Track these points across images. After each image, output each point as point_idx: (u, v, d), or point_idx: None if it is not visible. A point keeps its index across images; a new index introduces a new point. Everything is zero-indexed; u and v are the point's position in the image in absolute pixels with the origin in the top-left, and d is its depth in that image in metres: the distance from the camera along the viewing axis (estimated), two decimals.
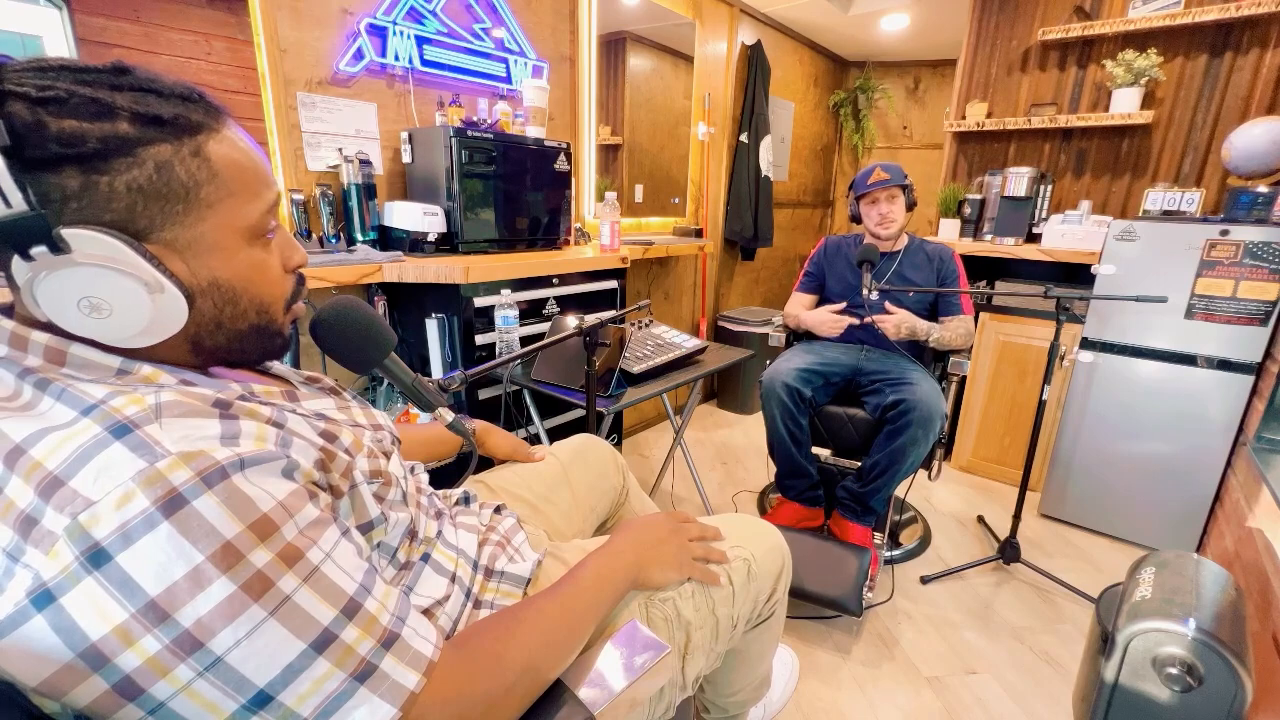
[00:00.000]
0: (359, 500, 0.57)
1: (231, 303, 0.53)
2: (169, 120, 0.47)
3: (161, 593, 0.40)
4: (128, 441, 0.42)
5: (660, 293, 2.99)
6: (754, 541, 0.91)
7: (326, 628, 0.46)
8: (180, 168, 0.47)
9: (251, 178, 0.52)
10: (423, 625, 0.54)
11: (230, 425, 0.47)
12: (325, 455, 0.53)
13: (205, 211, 0.49)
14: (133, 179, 0.45)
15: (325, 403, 0.63)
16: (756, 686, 1.09)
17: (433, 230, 1.67)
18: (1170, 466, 2.00)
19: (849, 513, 1.81)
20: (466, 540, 0.76)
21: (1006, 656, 1.57)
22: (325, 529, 0.49)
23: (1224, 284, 1.84)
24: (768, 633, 0.99)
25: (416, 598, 0.64)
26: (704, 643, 0.82)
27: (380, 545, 0.61)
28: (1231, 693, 0.97)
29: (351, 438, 0.58)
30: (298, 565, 0.45)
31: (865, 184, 1.90)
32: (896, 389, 1.75)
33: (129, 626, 0.40)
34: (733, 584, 0.85)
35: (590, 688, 0.60)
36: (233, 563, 0.42)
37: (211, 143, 0.49)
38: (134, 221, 0.46)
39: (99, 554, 0.39)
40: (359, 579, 0.50)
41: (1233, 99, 2.25)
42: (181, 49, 1.39)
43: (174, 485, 0.41)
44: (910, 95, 4.19)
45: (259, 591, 0.43)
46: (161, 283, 0.47)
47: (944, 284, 1.95)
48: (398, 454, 0.69)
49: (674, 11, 2.68)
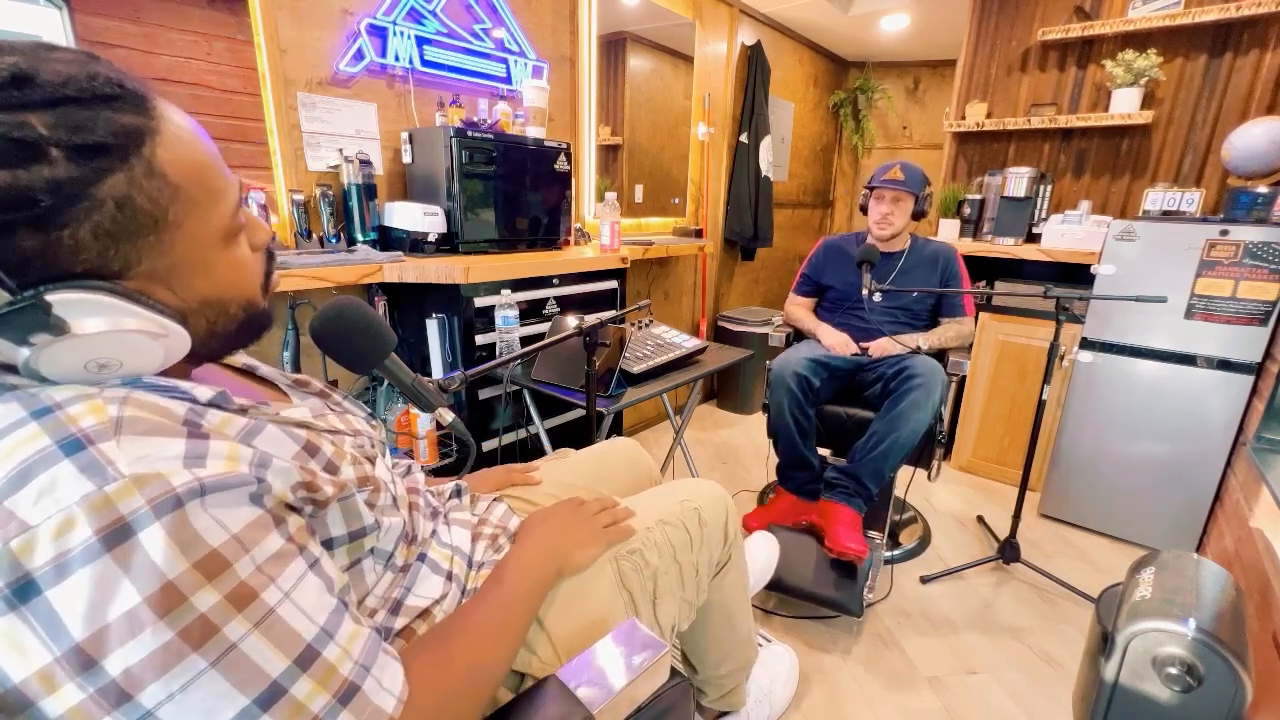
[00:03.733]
0: (352, 507, 0.55)
1: (223, 312, 0.51)
2: (109, 144, 0.40)
3: (88, 637, 0.36)
4: (78, 460, 0.38)
5: (660, 293, 2.99)
6: (697, 494, 0.98)
7: (275, 680, 0.41)
8: (140, 196, 0.42)
9: (211, 176, 0.48)
10: (388, 673, 0.49)
11: (197, 445, 0.43)
12: (305, 473, 0.50)
13: (177, 233, 0.45)
14: (96, 225, 0.40)
15: (312, 406, 0.62)
16: (741, 649, 1.10)
17: (433, 230, 1.67)
18: (1170, 466, 2.00)
19: (839, 493, 1.72)
20: (460, 536, 0.77)
21: (1006, 656, 1.57)
22: (288, 563, 0.45)
23: (1224, 284, 1.83)
24: (732, 578, 1.03)
25: (415, 598, 0.64)
26: (671, 587, 0.87)
27: (374, 551, 0.60)
28: (1231, 693, 0.97)
29: (333, 448, 0.57)
30: (249, 608, 0.41)
31: (880, 178, 1.91)
32: (897, 364, 1.78)
33: (52, 671, 0.36)
34: (689, 532, 0.91)
35: (589, 687, 0.60)
36: (172, 606, 0.38)
37: (159, 149, 0.43)
38: (109, 265, 0.42)
39: (28, 586, 0.36)
40: (321, 621, 0.45)
41: (1232, 99, 2.25)
42: (181, 49, 1.39)
43: (121, 514, 0.37)
44: (910, 95, 4.19)
45: (199, 639, 0.38)
46: (165, 326, 0.44)
47: (947, 285, 1.95)
48: (382, 459, 0.68)
49: (674, 12, 2.68)
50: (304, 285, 1.38)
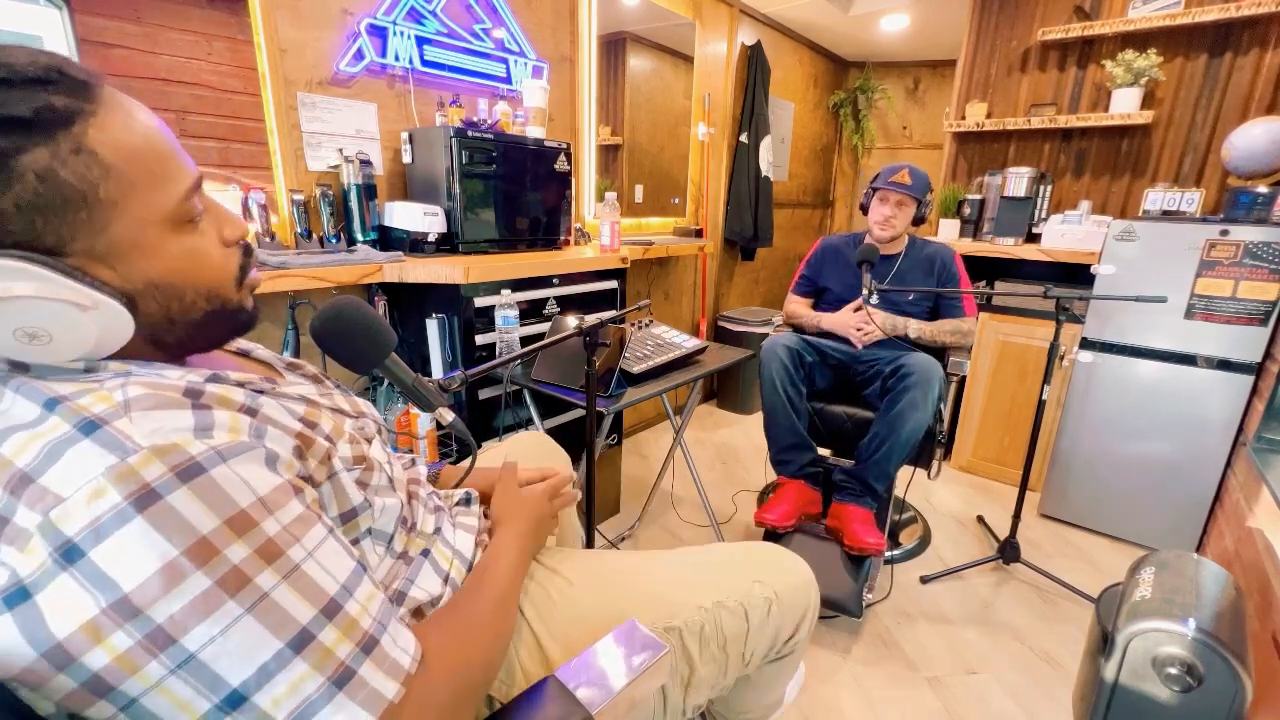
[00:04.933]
0: (339, 488, 0.56)
1: (177, 298, 0.50)
2: (30, 119, 0.41)
3: (135, 588, 0.39)
4: (97, 438, 0.41)
5: (660, 293, 2.99)
6: (780, 577, 0.86)
7: (305, 627, 0.44)
8: (65, 171, 0.42)
9: (154, 162, 0.47)
10: (402, 635, 0.52)
11: (203, 416, 0.46)
12: (302, 442, 0.52)
13: (111, 212, 0.45)
14: (18, 196, 0.41)
15: (307, 388, 0.63)
16: (767, 707, 1.06)
17: (433, 230, 1.67)
18: (1170, 466, 2.00)
19: (848, 495, 1.76)
20: (464, 541, 0.76)
21: (1006, 656, 1.57)
22: (310, 527, 0.48)
23: (1224, 284, 1.83)
24: (785, 667, 0.95)
25: (417, 590, 0.64)
26: (710, 677, 0.79)
27: (372, 531, 0.61)
28: (1231, 693, 0.97)
29: (332, 423, 0.58)
30: (277, 562, 0.44)
31: (886, 179, 1.90)
32: (894, 362, 1.78)
33: (99, 623, 0.39)
34: (749, 621, 0.80)
35: (589, 687, 0.60)
36: (208, 558, 0.41)
37: (92, 131, 0.44)
38: (41, 239, 0.43)
39: (72, 550, 0.39)
40: (342, 579, 0.48)
41: (1233, 99, 2.25)
42: (182, 49, 1.39)
43: (146, 480, 0.40)
44: (910, 95, 4.19)
45: (235, 587, 0.41)
46: (95, 299, 0.44)
47: (944, 286, 1.95)
48: (379, 441, 0.69)
49: (674, 12, 2.68)
50: (304, 285, 1.38)
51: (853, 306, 1.96)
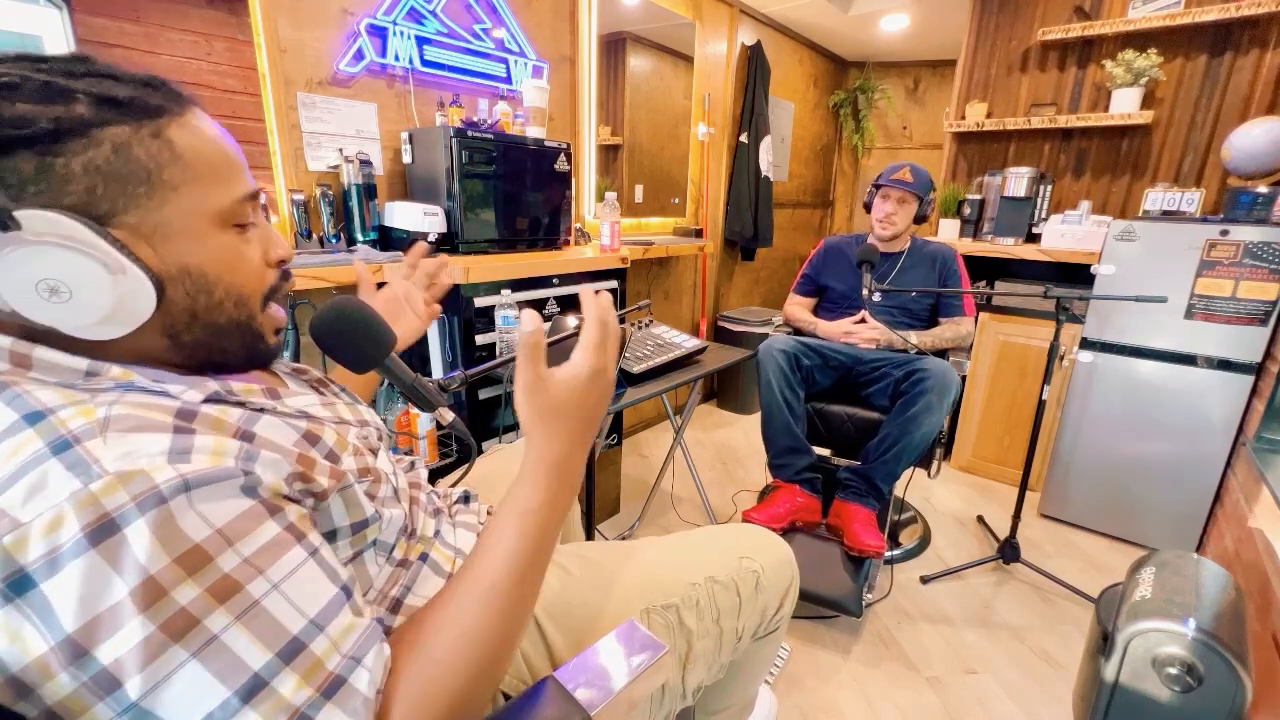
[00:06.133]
0: (352, 499, 0.55)
1: (205, 291, 0.51)
2: (125, 102, 0.46)
3: (79, 628, 0.38)
4: (65, 458, 0.40)
5: (660, 293, 2.99)
6: (764, 553, 0.90)
7: (256, 673, 0.41)
8: (139, 148, 0.46)
9: (220, 164, 0.51)
10: (380, 669, 0.47)
11: (183, 440, 0.44)
12: (303, 464, 0.50)
13: (169, 194, 0.47)
14: (89, 160, 0.44)
15: (310, 399, 0.61)
16: (741, 708, 1.08)
17: (433, 230, 1.67)
18: (1170, 466, 2.00)
19: (852, 494, 1.75)
20: (465, 540, 0.76)
21: (1006, 656, 1.57)
22: (282, 553, 0.45)
23: (1224, 284, 1.84)
24: (768, 647, 0.98)
25: (414, 598, 0.64)
26: (706, 652, 0.81)
27: (376, 543, 0.60)
28: (1231, 693, 0.97)
29: (335, 436, 0.56)
30: (232, 600, 0.41)
31: (888, 177, 1.91)
32: (906, 365, 1.76)
33: (47, 660, 0.38)
34: (739, 595, 0.84)
35: (587, 688, 0.60)
36: (154, 599, 0.39)
37: (174, 127, 0.48)
38: (95, 205, 0.45)
39: (23, 580, 0.37)
40: (313, 613, 0.45)
41: (1232, 99, 2.25)
42: (182, 49, 1.39)
43: (107, 510, 0.38)
44: (910, 95, 4.19)
45: (180, 631, 0.39)
46: (122, 264, 0.45)
47: (945, 285, 1.95)
48: (385, 450, 0.68)
49: (674, 12, 2.68)
50: (304, 285, 1.38)
51: (854, 320, 1.95)
